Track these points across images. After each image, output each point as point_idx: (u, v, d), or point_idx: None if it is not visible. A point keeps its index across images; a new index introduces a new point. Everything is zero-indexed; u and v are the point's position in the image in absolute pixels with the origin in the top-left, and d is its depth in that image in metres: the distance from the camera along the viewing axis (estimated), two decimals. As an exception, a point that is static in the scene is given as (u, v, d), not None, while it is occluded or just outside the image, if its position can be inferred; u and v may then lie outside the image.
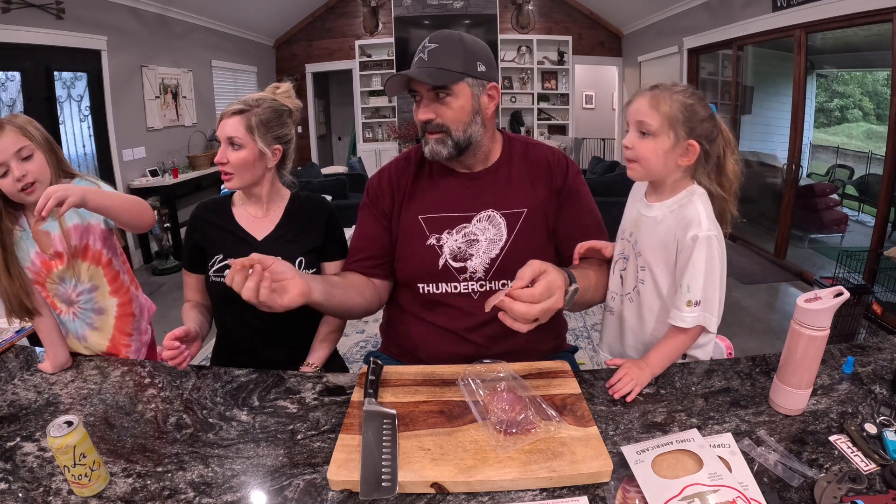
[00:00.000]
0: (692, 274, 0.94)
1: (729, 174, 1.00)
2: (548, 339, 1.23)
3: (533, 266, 0.83)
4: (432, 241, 1.14)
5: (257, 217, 1.28)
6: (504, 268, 1.12)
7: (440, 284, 1.15)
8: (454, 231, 1.14)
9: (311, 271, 1.25)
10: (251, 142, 1.20)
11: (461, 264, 1.14)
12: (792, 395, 0.87)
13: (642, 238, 1.02)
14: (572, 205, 1.17)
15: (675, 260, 0.98)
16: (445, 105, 1.07)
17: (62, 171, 1.18)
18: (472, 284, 1.14)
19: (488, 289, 1.13)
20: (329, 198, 3.13)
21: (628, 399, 0.93)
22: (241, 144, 1.19)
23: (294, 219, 1.29)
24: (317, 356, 1.25)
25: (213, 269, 1.23)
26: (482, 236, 1.13)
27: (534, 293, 0.80)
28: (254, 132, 1.20)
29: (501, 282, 1.13)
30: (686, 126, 0.94)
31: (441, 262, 1.14)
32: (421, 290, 1.16)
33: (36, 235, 1.16)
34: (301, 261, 1.24)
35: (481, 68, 1.08)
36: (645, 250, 1.02)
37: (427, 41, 1.08)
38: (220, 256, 1.22)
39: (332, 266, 1.30)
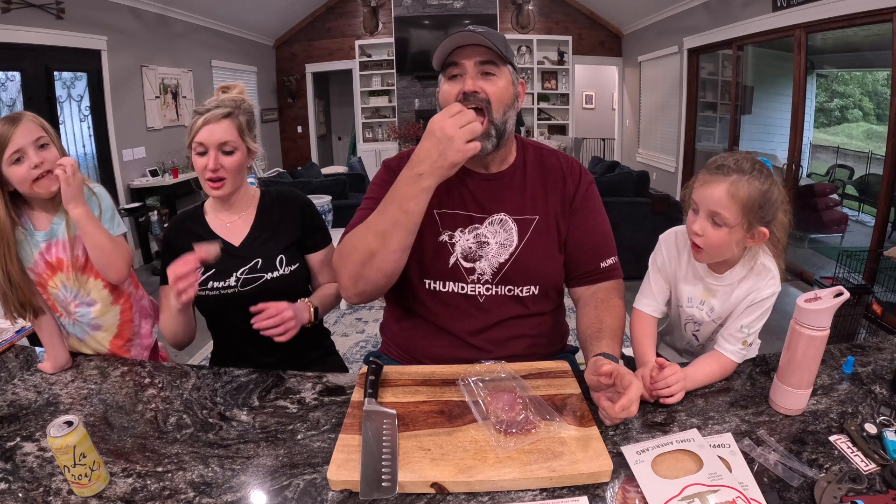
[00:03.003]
0: (757, 322, 0.99)
1: (778, 233, 0.99)
2: (551, 345, 1.21)
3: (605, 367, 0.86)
4: (445, 237, 1.12)
5: (231, 222, 1.25)
6: (511, 274, 1.10)
7: (447, 283, 1.12)
8: (466, 231, 1.12)
9: (292, 267, 1.24)
10: (242, 144, 1.18)
11: (471, 265, 1.11)
12: (792, 395, 0.87)
13: (720, 304, 1.04)
14: (583, 216, 1.15)
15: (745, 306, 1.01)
16: (490, 82, 1.02)
17: None
18: (479, 287, 1.11)
19: (494, 293, 1.11)
20: (329, 198, 3.13)
21: (671, 401, 0.92)
22: (235, 148, 1.16)
23: (268, 217, 1.27)
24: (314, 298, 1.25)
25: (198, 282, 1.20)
26: (493, 240, 1.11)
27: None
28: (244, 134, 1.17)
29: (507, 287, 1.11)
30: (760, 213, 0.93)
31: (452, 259, 1.11)
32: (427, 287, 1.13)
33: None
34: (282, 258, 1.22)
35: (512, 57, 1.07)
36: (725, 312, 1.04)
37: (469, 25, 1.04)
38: (201, 269, 1.18)
39: (317, 256, 1.29)
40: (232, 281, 1.18)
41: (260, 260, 1.21)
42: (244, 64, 6.90)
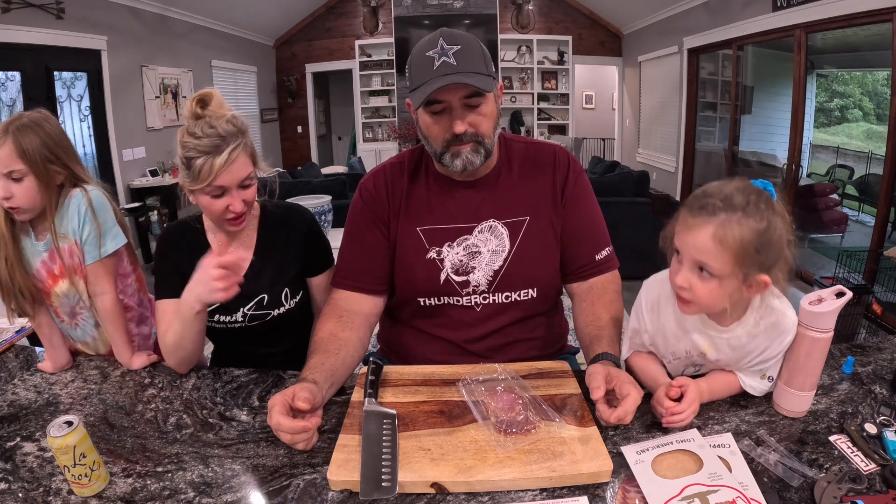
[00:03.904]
0: (777, 362, 0.89)
1: (781, 273, 0.82)
2: (551, 344, 1.20)
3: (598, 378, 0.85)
4: (432, 254, 1.09)
5: (233, 247, 1.15)
6: (507, 280, 1.09)
7: (441, 297, 1.11)
8: (454, 244, 1.09)
9: (297, 298, 1.18)
10: (256, 173, 1.05)
11: (463, 278, 1.09)
12: (796, 397, 0.87)
13: (724, 354, 0.89)
14: (575, 207, 1.12)
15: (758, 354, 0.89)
16: (478, 113, 0.99)
17: (76, 178, 1.12)
18: (476, 297, 1.10)
19: (491, 301, 1.10)
20: (329, 198, 3.13)
21: (683, 424, 0.84)
22: (251, 182, 1.04)
23: (271, 240, 1.17)
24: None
25: None
26: (484, 248, 1.09)
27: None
28: (257, 161, 1.04)
29: (505, 294, 1.10)
30: (758, 259, 0.75)
31: (442, 276, 1.08)
32: (421, 304, 1.12)
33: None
34: (287, 293, 1.16)
35: (492, 68, 1.03)
36: (730, 362, 0.91)
37: (443, 42, 0.97)
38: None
39: (319, 280, 1.22)
40: (238, 316, 1.14)
41: (266, 296, 1.14)
42: (244, 64, 6.91)
